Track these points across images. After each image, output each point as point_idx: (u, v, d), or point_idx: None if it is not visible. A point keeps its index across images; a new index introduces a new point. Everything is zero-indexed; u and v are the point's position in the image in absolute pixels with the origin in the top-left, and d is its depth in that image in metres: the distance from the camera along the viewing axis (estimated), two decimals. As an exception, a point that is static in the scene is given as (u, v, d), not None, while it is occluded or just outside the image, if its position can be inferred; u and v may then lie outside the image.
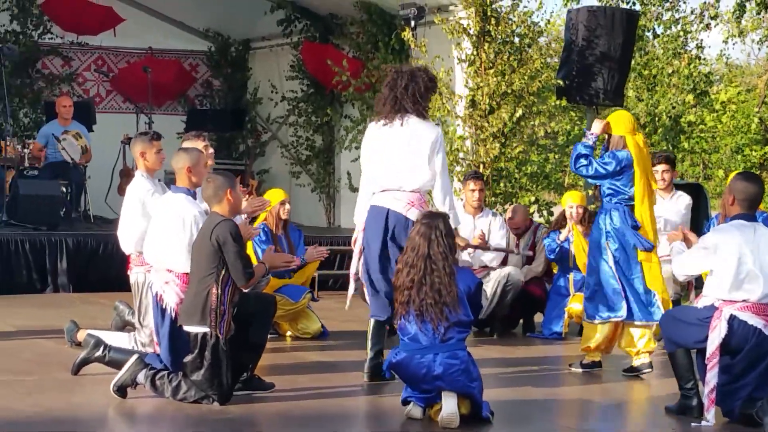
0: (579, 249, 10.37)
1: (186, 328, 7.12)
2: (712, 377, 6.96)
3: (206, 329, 7.01)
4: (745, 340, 6.96)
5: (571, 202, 10.64)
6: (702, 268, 7.13)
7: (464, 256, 10.29)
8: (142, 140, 8.47)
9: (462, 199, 11.04)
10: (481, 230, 10.53)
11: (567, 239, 10.55)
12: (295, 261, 8.77)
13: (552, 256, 10.73)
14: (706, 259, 7.09)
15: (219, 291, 7.02)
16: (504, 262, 10.77)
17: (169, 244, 7.48)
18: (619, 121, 8.86)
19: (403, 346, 6.76)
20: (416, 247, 6.76)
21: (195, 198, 7.69)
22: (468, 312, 6.72)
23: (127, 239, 8.33)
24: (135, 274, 8.28)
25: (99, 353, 7.58)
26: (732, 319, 6.97)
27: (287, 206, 10.10)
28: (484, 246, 10.47)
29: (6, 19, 16.77)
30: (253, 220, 9.56)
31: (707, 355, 6.99)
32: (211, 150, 8.81)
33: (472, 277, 6.89)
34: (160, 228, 7.59)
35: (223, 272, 7.05)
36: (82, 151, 14.43)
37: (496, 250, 10.57)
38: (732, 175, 7.63)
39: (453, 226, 7.12)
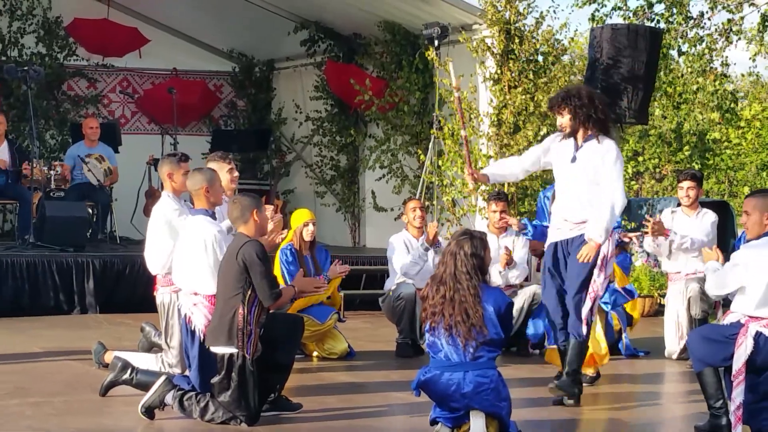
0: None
1: (213, 348, 7.13)
2: (738, 394, 6.93)
3: (233, 350, 7.02)
4: (771, 357, 6.93)
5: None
6: (736, 285, 7.09)
7: (494, 275, 10.27)
8: (170, 161, 8.48)
9: (486, 217, 11.03)
10: (506, 247, 10.53)
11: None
12: (325, 286, 8.79)
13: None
14: (739, 276, 7.06)
15: (245, 311, 7.03)
16: (527, 280, 10.80)
17: (193, 267, 7.51)
18: None
19: (433, 363, 6.75)
20: (445, 264, 6.78)
21: (214, 218, 7.72)
22: (499, 331, 6.69)
23: (153, 260, 8.35)
24: (161, 295, 8.30)
25: (126, 376, 7.59)
26: (758, 335, 6.93)
27: (311, 227, 10.06)
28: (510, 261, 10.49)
29: (32, 42, 16.89)
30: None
31: (733, 372, 6.96)
32: (236, 173, 8.85)
33: (502, 296, 6.88)
34: (185, 251, 7.62)
35: (249, 292, 7.06)
36: (105, 173, 14.49)
37: None
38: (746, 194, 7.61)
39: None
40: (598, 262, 7.99)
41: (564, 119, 8.14)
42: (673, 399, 8.53)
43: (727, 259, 7.40)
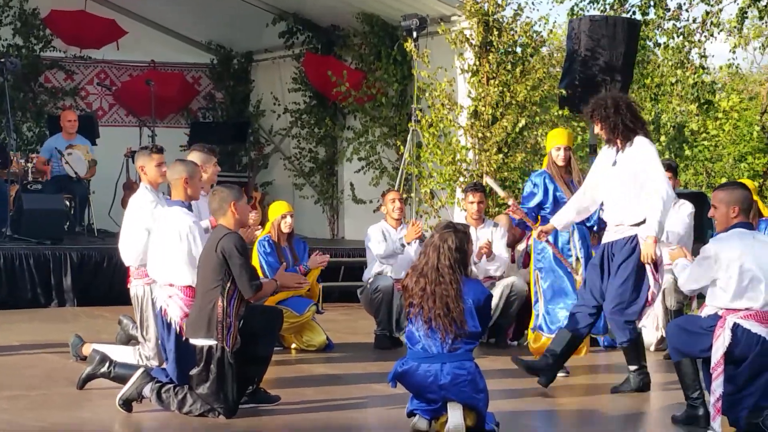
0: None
1: (192, 341, 7.12)
2: (717, 386, 6.95)
3: (212, 342, 7.02)
4: (749, 348, 6.95)
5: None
6: (708, 279, 7.11)
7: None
8: (142, 154, 8.54)
9: (465, 209, 11.05)
10: (487, 239, 10.54)
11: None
12: (307, 282, 8.79)
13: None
14: (709, 269, 7.08)
15: (225, 303, 7.02)
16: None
17: (168, 258, 7.51)
18: None
19: (410, 354, 6.75)
20: (427, 257, 6.78)
21: (191, 210, 7.71)
22: (476, 323, 6.71)
23: (127, 251, 8.32)
24: (135, 287, 8.27)
25: (104, 369, 7.57)
26: (736, 327, 6.96)
27: (288, 219, 10.08)
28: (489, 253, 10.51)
29: (9, 33, 16.82)
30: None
31: (712, 364, 6.98)
32: (218, 168, 8.90)
33: (482, 289, 6.89)
34: (159, 243, 7.62)
35: (228, 285, 7.06)
36: (88, 165, 14.46)
37: None
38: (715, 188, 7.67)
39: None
40: (649, 265, 8.15)
41: (597, 128, 8.37)
42: (651, 389, 8.55)
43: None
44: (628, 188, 8.17)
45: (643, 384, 8.42)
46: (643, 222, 8.09)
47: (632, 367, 8.44)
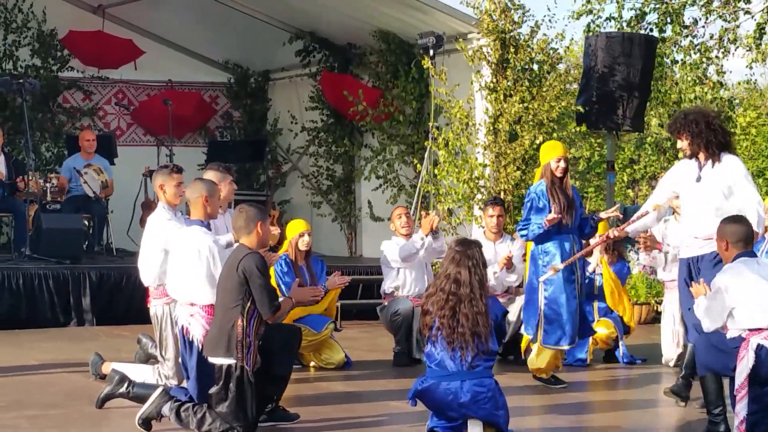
0: (607, 280, 10.46)
1: (211, 359, 7.11)
2: (741, 409, 6.92)
3: (231, 361, 7.00)
4: (773, 368, 6.93)
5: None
6: (726, 311, 7.08)
7: (489, 278, 10.26)
8: (162, 173, 8.49)
9: (482, 226, 11.05)
10: (509, 252, 10.55)
11: (586, 266, 10.59)
12: (321, 293, 8.77)
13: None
14: (723, 301, 7.07)
15: (244, 323, 7.01)
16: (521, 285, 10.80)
17: (188, 277, 7.49)
18: None
19: (429, 373, 6.73)
20: (451, 275, 6.74)
21: (209, 229, 7.70)
22: (494, 341, 6.70)
23: (146, 271, 8.31)
24: (154, 307, 8.27)
25: (123, 389, 7.57)
26: (759, 348, 6.92)
27: (306, 238, 10.07)
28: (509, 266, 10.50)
29: (27, 55, 16.90)
30: (273, 249, 9.56)
31: (736, 386, 6.96)
32: (234, 186, 8.92)
33: (499, 306, 6.88)
34: (179, 262, 7.61)
35: (248, 304, 7.04)
36: (102, 185, 14.51)
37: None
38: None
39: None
40: None
41: (683, 143, 8.42)
42: (671, 405, 8.51)
43: None
44: (718, 203, 8.22)
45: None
46: None
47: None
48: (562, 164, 9.40)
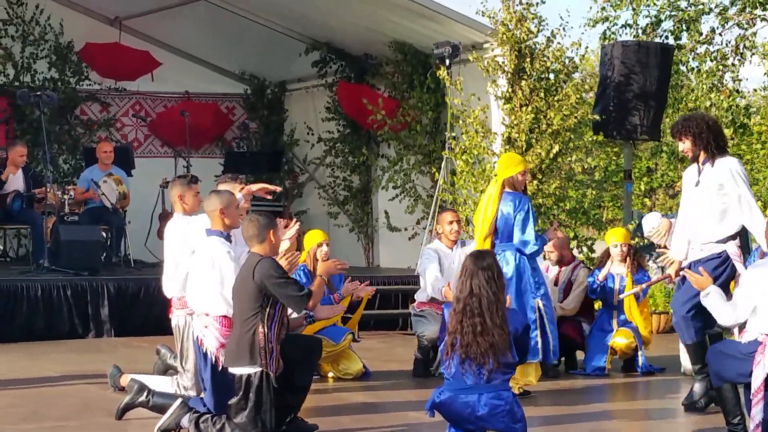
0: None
1: (232, 369, 7.10)
2: (757, 412, 6.90)
3: (252, 370, 6.99)
4: (790, 373, 6.90)
5: (614, 241, 10.68)
6: (749, 308, 7.06)
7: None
8: (180, 183, 8.52)
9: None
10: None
11: (607, 277, 10.58)
12: (343, 308, 8.82)
13: (593, 296, 10.78)
14: (748, 298, 7.04)
15: (266, 329, 7.00)
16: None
17: (203, 287, 7.50)
18: None
19: (447, 385, 6.72)
20: (465, 288, 6.72)
21: (229, 240, 7.71)
22: (514, 354, 6.67)
23: (168, 283, 8.34)
24: (176, 318, 8.30)
25: (142, 398, 7.59)
26: (776, 352, 6.91)
27: (324, 248, 10.09)
28: None
29: (45, 67, 16.97)
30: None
31: (752, 390, 6.93)
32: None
33: (520, 318, 6.85)
34: (196, 272, 7.62)
35: (267, 310, 7.03)
36: (120, 196, 14.54)
37: None
38: None
39: None
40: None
41: (685, 145, 8.53)
42: (690, 415, 8.49)
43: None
44: (714, 205, 8.30)
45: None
46: (731, 237, 8.29)
47: (695, 367, 8.50)
48: (528, 177, 9.73)
